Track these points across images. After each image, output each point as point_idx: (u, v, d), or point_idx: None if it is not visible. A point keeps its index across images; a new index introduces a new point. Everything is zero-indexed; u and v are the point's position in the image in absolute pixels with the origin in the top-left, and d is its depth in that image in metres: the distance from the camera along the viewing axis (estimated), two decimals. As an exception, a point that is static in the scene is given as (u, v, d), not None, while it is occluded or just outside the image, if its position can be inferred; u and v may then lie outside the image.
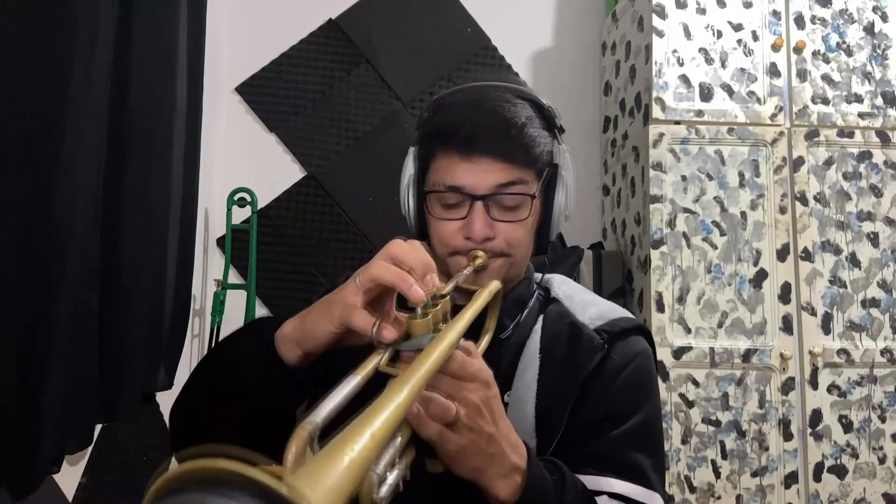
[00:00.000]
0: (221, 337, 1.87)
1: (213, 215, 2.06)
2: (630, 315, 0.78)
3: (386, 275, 0.53)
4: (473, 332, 0.57)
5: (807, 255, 1.71)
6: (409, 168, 0.75)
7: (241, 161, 2.15)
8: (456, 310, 0.58)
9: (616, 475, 0.66)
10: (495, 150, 0.69)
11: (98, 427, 1.29)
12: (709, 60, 1.78)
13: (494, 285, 0.66)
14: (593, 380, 0.70)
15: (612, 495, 0.65)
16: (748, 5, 1.80)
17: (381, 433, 0.34)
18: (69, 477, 1.23)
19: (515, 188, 0.70)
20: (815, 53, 1.79)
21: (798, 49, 1.78)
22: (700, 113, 1.75)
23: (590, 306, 0.78)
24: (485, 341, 0.66)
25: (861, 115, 1.77)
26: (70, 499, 1.23)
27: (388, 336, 0.51)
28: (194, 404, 0.66)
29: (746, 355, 1.65)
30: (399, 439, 0.46)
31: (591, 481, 0.65)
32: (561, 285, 0.83)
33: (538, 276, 0.83)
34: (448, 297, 0.56)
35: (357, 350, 0.55)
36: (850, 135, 1.76)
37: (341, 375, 0.43)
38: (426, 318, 0.52)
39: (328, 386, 0.41)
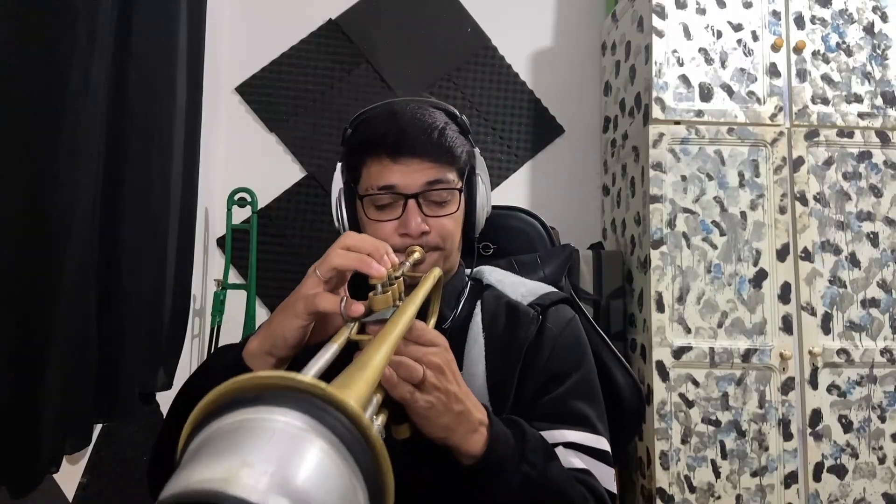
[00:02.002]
0: (220, 338, 1.87)
1: (213, 215, 2.06)
2: (555, 289, 0.88)
3: (345, 261, 0.59)
4: (419, 318, 0.63)
5: (807, 255, 1.71)
6: (339, 181, 0.82)
7: (241, 161, 2.15)
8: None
9: (567, 426, 0.74)
10: (421, 151, 0.76)
11: (97, 427, 1.29)
12: (709, 60, 1.78)
13: (437, 271, 0.72)
14: (534, 348, 0.79)
15: (567, 445, 0.73)
16: (748, 5, 1.80)
17: (380, 365, 0.42)
18: (69, 477, 1.23)
19: (442, 185, 0.77)
20: (814, 53, 1.79)
21: (798, 49, 1.79)
22: (700, 113, 1.75)
23: (519, 286, 0.87)
24: (431, 323, 0.72)
25: (861, 115, 1.77)
26: (70, 499, 1.23)
27: (356, 310, 0.56)
28: (175, 445, 0.68)
29: (746, 355, 1.66)
30: (375, 400, 0.49)
31: (547, 435, 0.72)
32: (492, 273, 0.90)
33: (468, 270, 0.90)
34: (402, 278, 0.63)
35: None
36: (850, 135, 1.76)
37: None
38: (386, 294, 0.58)
39: None
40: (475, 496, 0.62)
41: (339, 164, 0.84)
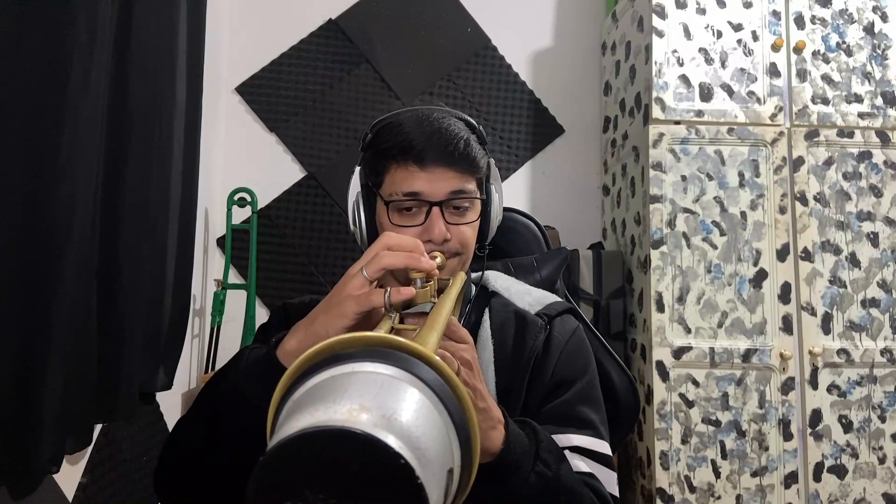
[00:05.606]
0: (220, 338, 1.87)
1: (213, 215, 2.06)
2: (560, 299, 0.92)
3: (395, 260, 0.60)
4: None
5: (807, 255, 1.71)
6: (358, 186, 0.83)
7: (241, 161, 2.15)
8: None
9: (573, 429, 0.77)
10: (448, 161, 0.77)
11: (98, 427, 1.29)
12: (709, 60, 1.78)
13: (462, 275, 0.75)
14: (542, 356, 0.82)
15: (572, 449, 0.75)
16: (748, 5, 1.80)
17: (434, 346, 0.45)
18: (69, 477, 1.22)
19: (465, 194, 0.79)
20: (814, 53, 1.79)
21: (798, 49, 1.79)
22: (700, 113, 1.75)
23: (525, 295, 0.90)
24: None
25: (861, 115, 1.77)
26: (70, 499, 1.22)
27: (404, 294, 0.57)
28: (193, 447, 0.68)
29: (746, 355, 1.65)
30: None
31: (554, 438, 0.72)
32: (497, 280, 0.92)
33: (475, 275, 0.92)
34: (436, 277, 0.64)
35: None
36: (850, 135, 1.76)
37: None
38: (426, 288, 0.59)
39: None
40: (493, 495, 0.62)
41: (357, 168, 0.85)
